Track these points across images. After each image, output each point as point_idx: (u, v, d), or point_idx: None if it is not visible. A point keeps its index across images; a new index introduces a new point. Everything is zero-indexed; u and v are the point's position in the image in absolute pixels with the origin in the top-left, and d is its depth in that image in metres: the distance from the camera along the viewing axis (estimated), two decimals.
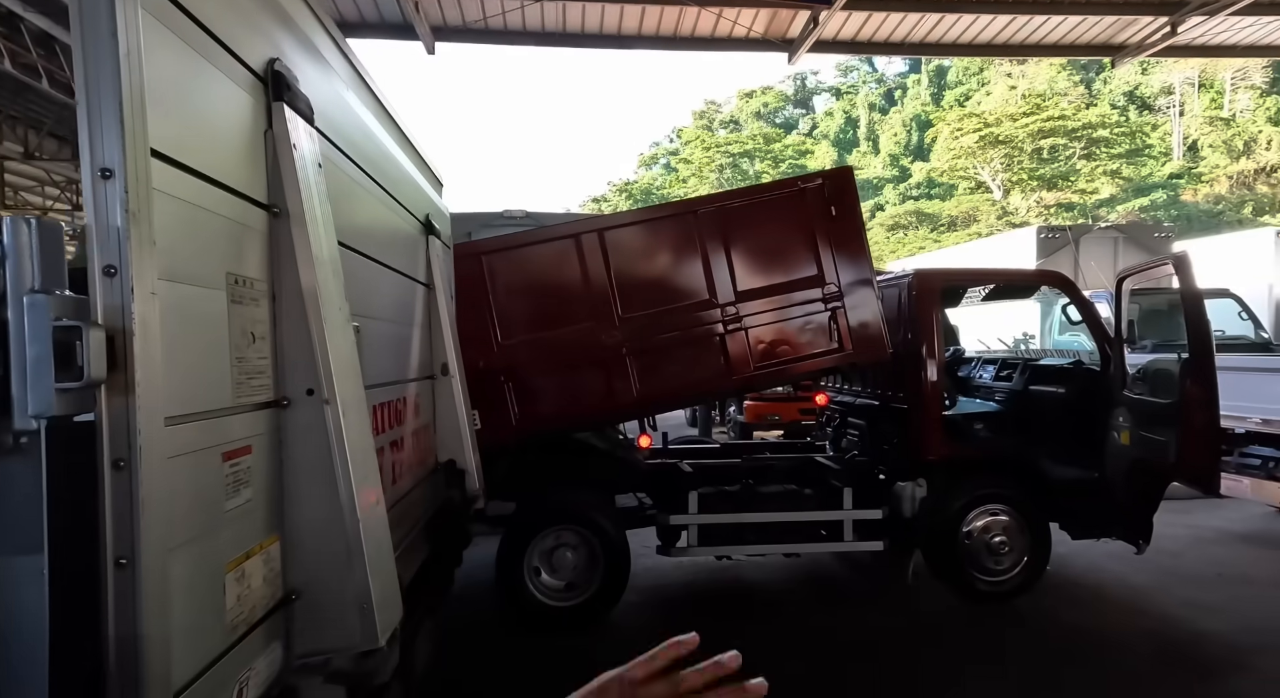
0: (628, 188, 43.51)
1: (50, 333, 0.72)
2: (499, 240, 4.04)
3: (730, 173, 36.74)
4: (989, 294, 5.25)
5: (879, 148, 40.81)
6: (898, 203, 36.08)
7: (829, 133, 43.11)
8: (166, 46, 0.91)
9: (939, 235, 30.32)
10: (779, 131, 41.70)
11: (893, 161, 39.44)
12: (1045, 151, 28.31)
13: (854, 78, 46.00)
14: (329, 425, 1.19)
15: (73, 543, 0.75)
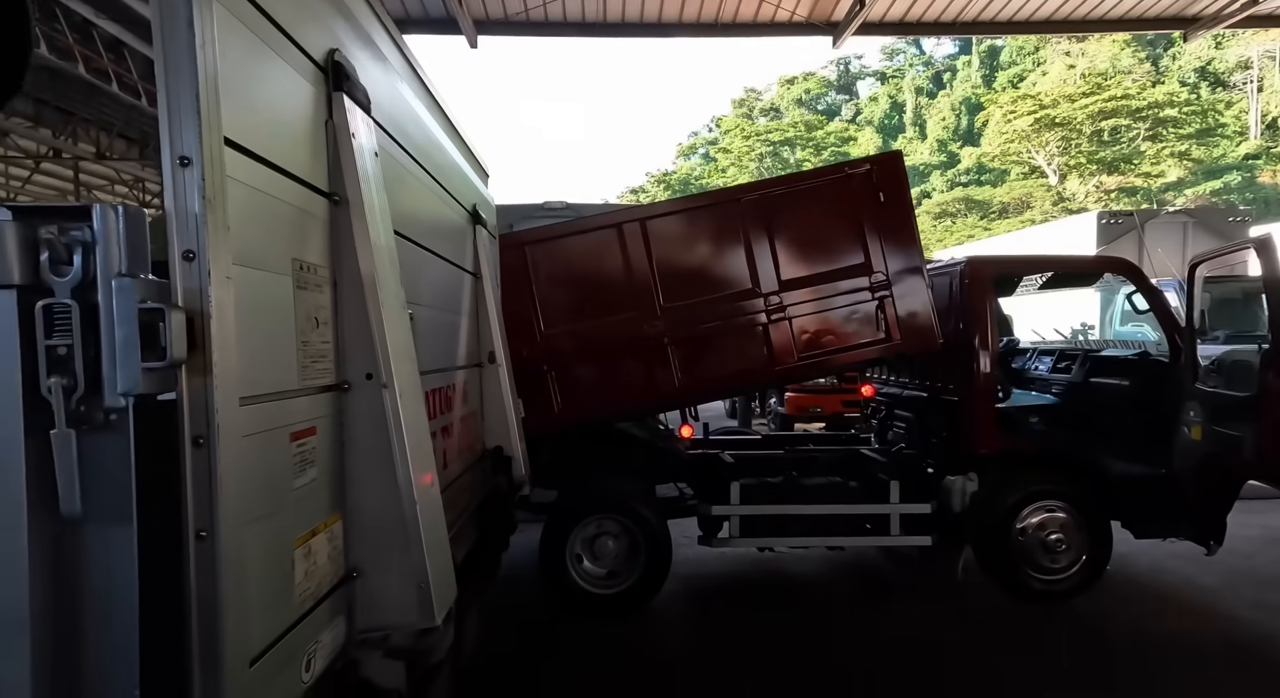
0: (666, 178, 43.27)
1: (136, 315, 0.76)
2: (542, 231, 4.07)
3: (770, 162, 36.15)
4: (1046, 282, 5.04)
5: (926, 133, 39.57)
6: (945, 190, 34.98)
7: (873, 119, 41.99)
8: (237, 37, 0.93)
9: (989, 223, 29.30)
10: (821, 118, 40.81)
11: (940, 147, 38.20)
12: (1106, 133, 26.90)
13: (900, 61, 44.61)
14: (387, 409, 1.22)
15: (157, 515, 0.79)
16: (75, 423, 0.76)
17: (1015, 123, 28.10)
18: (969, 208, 31.50)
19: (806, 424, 8.64)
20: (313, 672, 1.05)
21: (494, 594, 3.96)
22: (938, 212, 32.28)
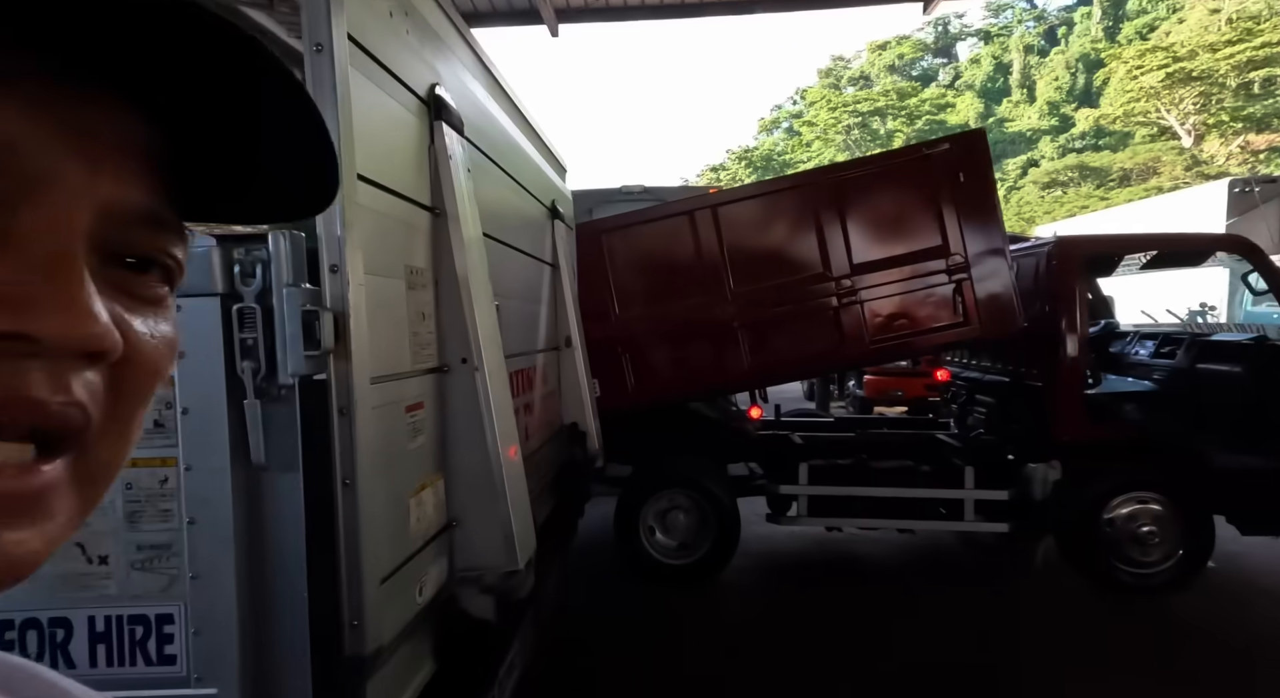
0: (747, 155, 42.28)
1: (300, 315, 1.01)
2: (617, 219, 4.27)
3: (858, 133, 34.57)
4: (1150, 262, 4.72)
5: (1034, 95, 36.48)
6: (1055, 157, 32.22)
7: (974, 82, 39.14)
8: (364, 90, 1.17)
9: (1107, 192, 26.82)
10: (914, 85, 38.46)
11: (1052, 110, 35.13)
12: (1256, 86, 23.80)
13: (1007, 17, 41.14)
14: (478, 388, 1.46)
15: (316, 466, 1.05)
16: (259, 396, 1.03)
17: (1142, 79, 25.36)
18: (1083, 176, 28.94)
19: (887, 408, 8.48)
20: (424, 597, 1.31)
21: (573, 560, 4.31)
22: (1046, 181, 29.89)
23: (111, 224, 0.24)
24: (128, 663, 1.04)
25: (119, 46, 0.22)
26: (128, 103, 0.24)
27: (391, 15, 1.29)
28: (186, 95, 0.24)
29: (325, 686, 1.06)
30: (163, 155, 0.26)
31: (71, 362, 0.23)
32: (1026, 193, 30.88)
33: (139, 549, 1.04)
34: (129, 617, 1.04)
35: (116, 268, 0.25)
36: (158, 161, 0.25)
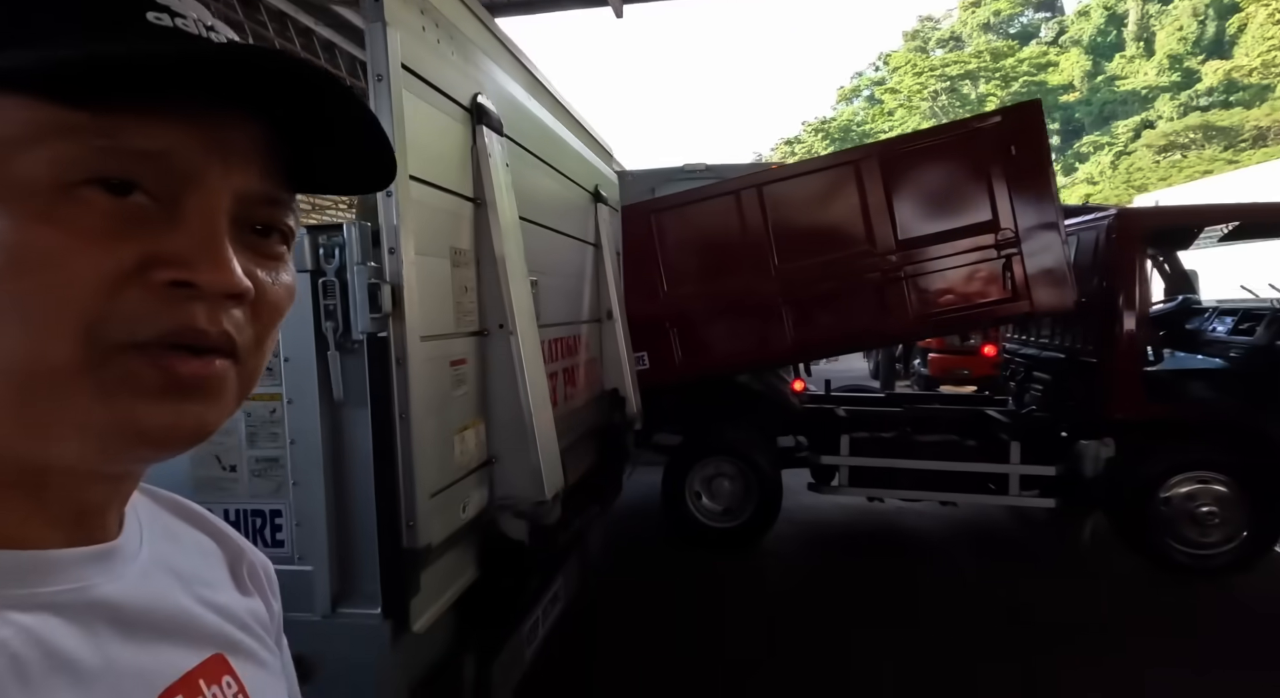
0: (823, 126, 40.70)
1: (367, 287, 1.32)
2: (665, 199, 4.48)
3: (946, 99, 32.59)
4: (1236, 234, 4.44)
5: (1153, 49, 33.08)
6: (1175, 116, 29.25)
7: (1082, 37, 35.87)
8: (416, 106, 1.46)
9: (1236, 154, 24.19)
10: (1011, 44, 35.68)
11: (1173, 64, 31.80)
12: None
13: None
14: (512, 349, 1.76)
15: (379, 403, 1.37)
16: (338, 348, 1.35)
17: None
18: (1208, 137, 26.19)
19: (955, 387, 8.29)
20: (466, 514, 1.64)
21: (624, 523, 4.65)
22: (1163, 144, 27.25)
23: (243, 204, 0.33)
24: (255, 545, 1.41)
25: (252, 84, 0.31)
26: (253, 118, 0.33)
27: (439, 42, 1.57)
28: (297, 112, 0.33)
29: (389, 570, 1.40)
30: (278, 150, 0.34)
31: (221, 301, 0.32)
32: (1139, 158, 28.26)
33: (257, 462, 1.40)
34: (251, 511, 1.41)
35: (248, 234, 0.34)
36: (274, 156, 0.34)
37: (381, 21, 1.33)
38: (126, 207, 0.30)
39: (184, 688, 0.38)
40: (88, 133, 0.29)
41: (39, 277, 0.29)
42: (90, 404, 0.30)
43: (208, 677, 0.40)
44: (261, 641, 0.47)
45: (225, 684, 0.41)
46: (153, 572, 0.40)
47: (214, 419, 0.33)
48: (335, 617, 1.40)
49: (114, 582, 0.36)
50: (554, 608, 2.58)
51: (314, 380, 1.36)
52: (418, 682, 1.53)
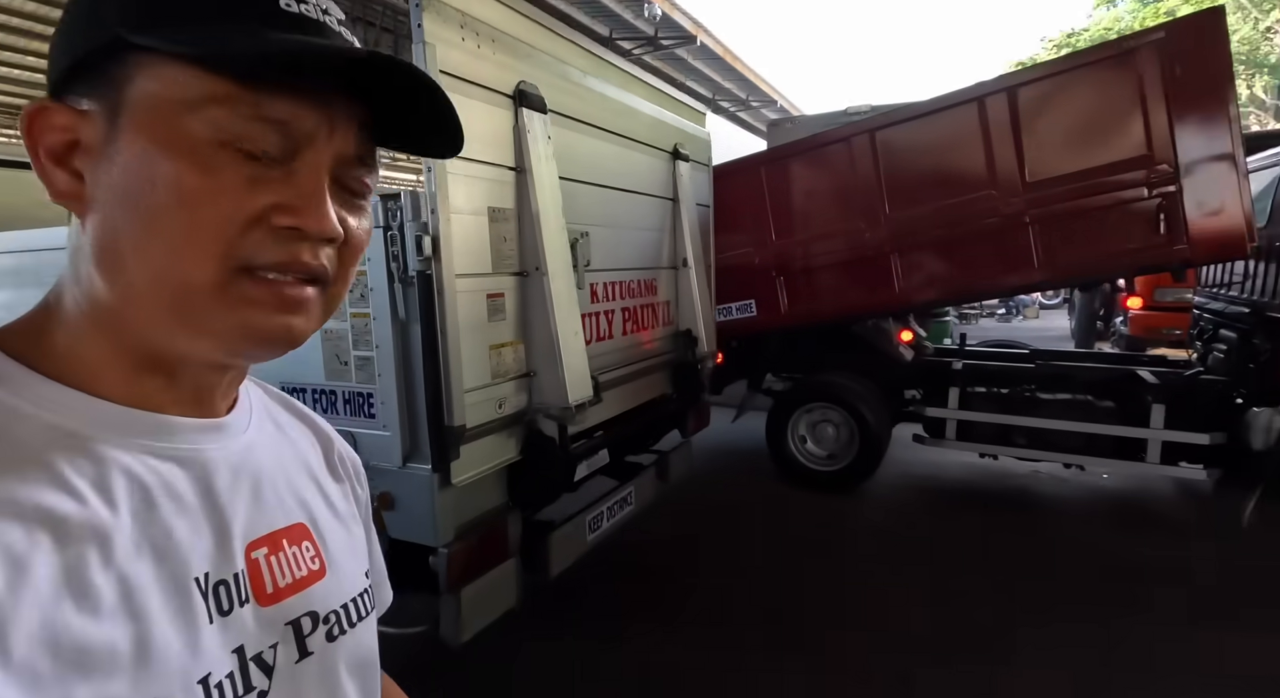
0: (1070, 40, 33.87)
1: (415, 237, 1.87)
2: (775, 150, 4.56)
3: None
4: None
5: None
6: None
7: None
8: (457, 103, 1.93)
9: None
10: None
11: None
12: None
13: None
14: (546, 288, 2.22)
15: (428, 322, 1.94)
16: (401, 281, 1.93)
17: None
18: None
19: (1168, 350, 7.06)
20: (503, 410, 2.18)
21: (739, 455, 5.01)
22: None
23: (340, 163, 0.42)
24: (356, 416, 2.09)
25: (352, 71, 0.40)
26: (351, 94, 0.41)
27: (479, 47, 2.03)
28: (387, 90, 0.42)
29: (436, 440, 1.99)
30: (369, 119, 0.43)
31: (320, 243, 0.41)
32: None
33: (357, 359, 2.06)
34: (356, 392, 2.09)
35: (340, 187, 0.43)
36: (367, 125, 0.43)
37: (422, 42, 1.83)
38: (257, 165, 0.38)
39: (269, 542, 0.46)
40: (238, 102, 0.37)
41: (196, 213, 0.37)
42: (221, 313, 0.39)
43: (291, 538, 0.48)
44: (344, 521, 0.56)
45: (304, 548, 0.49)
46: (257, 448, 0.49)
47: (307, 329, 0.42)
48: (405, 468, 2.04)
49: (223, 449, 0.46)
50: (622, 509, 3.10)
51: (387, 305, 1.97)
52: (466, 523, 2.13)
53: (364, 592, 0.54)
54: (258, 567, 0.45)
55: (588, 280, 2.61)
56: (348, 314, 2.02)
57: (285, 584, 0.47)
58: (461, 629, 2.16)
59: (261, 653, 0.44)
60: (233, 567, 0.44)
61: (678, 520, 4.15)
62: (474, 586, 2.18)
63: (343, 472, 0.60)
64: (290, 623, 0.46)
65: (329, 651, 0.49)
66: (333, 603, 0.50)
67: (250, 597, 0.44)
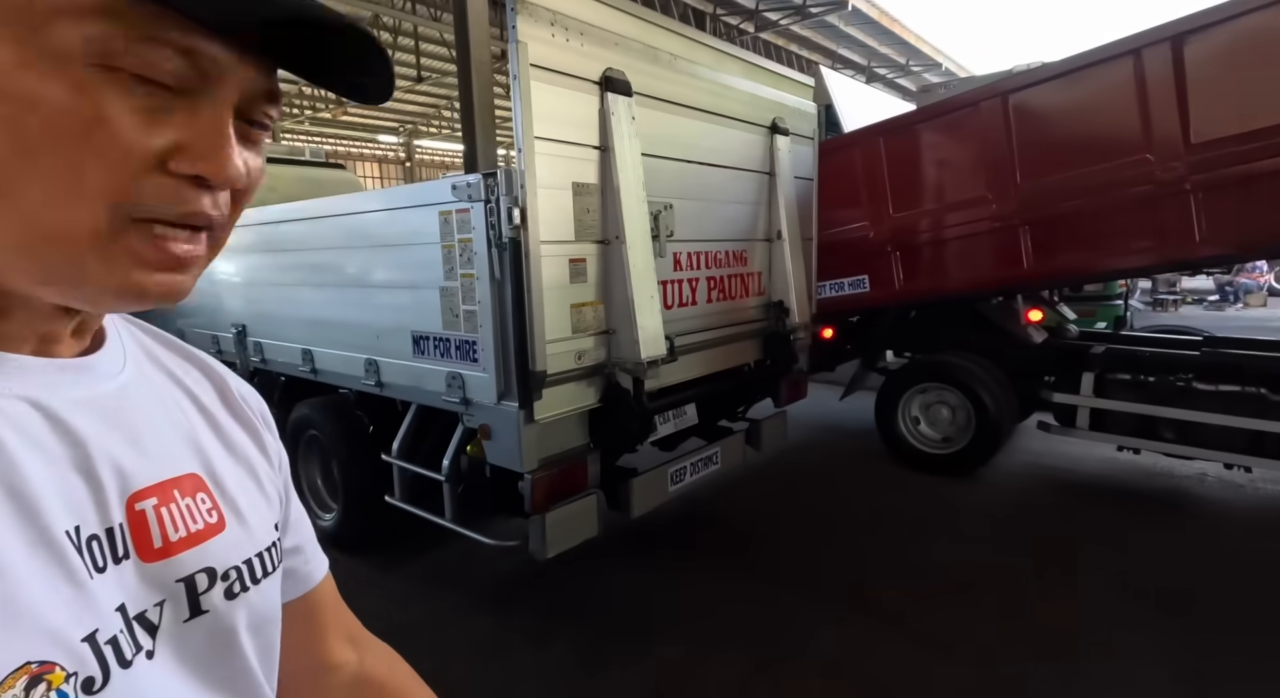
0: None
1: (507, 209, 2.22)
2: (895, 120, 4.38)
3: None
4: None
5: None
6: None
7: None
8: (546, 92, 2.25)
9: None
10: None
11: None
12: None
13: None
14: (624, 255, 2.49)
15: (517, 282, 2.29)
16: (497, 247, 2.30)
17: None
18: None
19: None
20: (582, 362, 2.49)
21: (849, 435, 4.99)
22: None
23: (246, 99, 0.38)
24: (464, 360, 2.52)
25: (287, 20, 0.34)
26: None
27: (568, 41, 2.32)
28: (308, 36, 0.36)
29: (521, 383, 2.35)
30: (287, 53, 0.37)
31: (222, 191, 0.38)
32: None
33: (465, 312, 2.48)
34: (464, 340, 2.51)
35: (243, 122, 0.38)
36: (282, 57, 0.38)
37: (516, 41, 2.15)
38: (154, 97, 0.34)
39: (158, 493, 0.42)
40: (126, 19, 0.32)
41: (82, 149, 0.32)
42: (99, 267, 0.34)
43: (183, 489, 0.44)
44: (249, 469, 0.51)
45: (199, 499, 0.44)
46: (134, 392, 0.44)
47: (190, 286, 0.38)
48: (499, 405, 2.43)
49: (88, 392, 0.41)
50: (706, 468, 3.32)
51: (487, 267, 2.35)
52: (549, 457, 2.49)
53: (272, 546, 0.50)
54: (143, 519, 0.41)
55: (670, 250, 2.82)
56: (458, 274, 2.44)
57: (178, 538, 0.42)
58: (546, 548, 2.53)
59: (145, 611, 0.40)
60: (109, 520, 0.39)
61: (769, 485, 4.27)
62: (557, 512, 2.54)
63: (248, 413, 0.55)
64: (183, 580, 0.42)
65: (228, 609, 0.45)
66: (234, 559, 0.46)
67: (132, 552, 0.40)
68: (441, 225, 2.44)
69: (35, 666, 0.32)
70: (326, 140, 21.02)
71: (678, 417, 3.13)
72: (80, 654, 0.34)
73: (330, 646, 0.66)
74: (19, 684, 0.31)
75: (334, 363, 3.11)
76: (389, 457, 2.95)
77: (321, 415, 3.32)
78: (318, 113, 18.17)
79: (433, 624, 2.82)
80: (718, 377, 3.21)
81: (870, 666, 2.46)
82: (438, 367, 2.61)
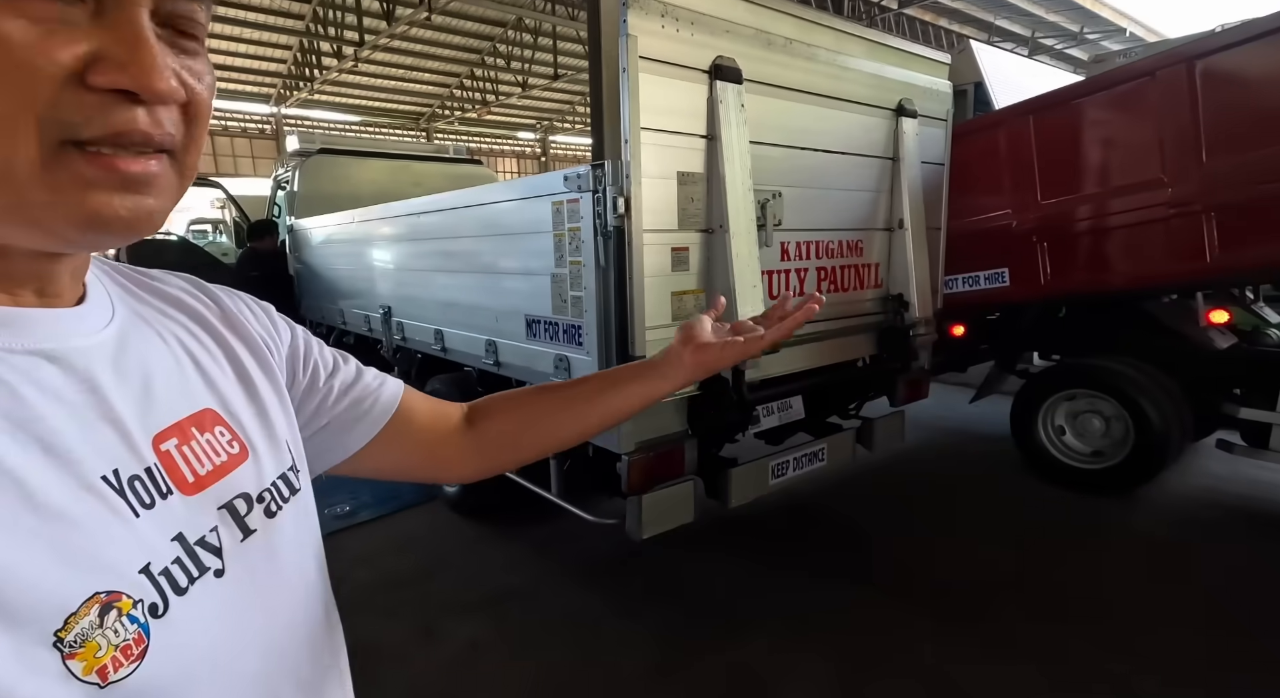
0: None
1: (613, 199, 2.30)
2: (1048, 96, 3.93)
3: None
4: None
5: None
6: None
7: None
8: (654, 83, 2.29)
9: None
10: None
11: None
12: None
13: None
14: (728, 245, 2.48)
15: (619, 269, 2.37)
16: (601, 236, 2.39)
17: None
18: None
19: None
20: None
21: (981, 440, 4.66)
22: None
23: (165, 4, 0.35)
24: (570, 343, 2.65)
25: None
26: None
27: (678, 31, 2.34)
28: None
29: (623, 363, 2.42)
30: None
31: (161, 107, 0.35)
32: None
33: (572, 298, 2.60)
34: (570, 324, 2.64)
35: (169, 29, 0.36)
36: None
37: (626, 34, 2.21)
38: (54, 7, 0.31)
39: (177, 433, 0.43)
40: None
41: None
42: (50, 197, 0.33)
43: (201, 426, 0.45)
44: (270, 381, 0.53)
45: (218, 433, 0.46)
46: (131, 334, 0.44)
47: (160, 209, 0.37)
48: None
49: (91, 339, 0.41)
50: (810, 464, 3.24)
51: (592, 254, 2.45)
52: (646, 441, 2.56)
53: (293, 462, 0.53)
54: (171, 459, 0.42)
55: (777, 239, 2.77)
56: (567, 261, 2.57)
57: (206, 472, 0.44)
58: (642, 529, 2.61)
59: (204, 537, 0.42)
60: (144, 461, 0.40)
61: (880, 488, 4.05)
62: (654, 495, 2.61)
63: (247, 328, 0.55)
64: (224, 506, 0.45)
65: (272, 526, 0.48)
66: (264, 482, 0.49)
67: (172, 488, 0.41)
68: (554, 215, 2.58)
69: (104, 595, 0.34)
70: (472, 139, 22.68)
71: (783, 410, 3.07)
72: (140, 584, 0.37)
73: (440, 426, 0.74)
74: (93, 612, 0.34)
75: (460, 343, 3.40)
76: None
77: (449, 390, 3.65)
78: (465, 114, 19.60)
79: (533, 590, 3.02)
80: (827, 371, 3.10)
81: (973, 692, 2.28)
82: (547, 349, 2.77)
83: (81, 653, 0.33)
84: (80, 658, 0.32)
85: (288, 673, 0.47)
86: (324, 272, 5.24)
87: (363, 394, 0.66)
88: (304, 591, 0.51)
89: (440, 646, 2.64)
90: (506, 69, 18.39)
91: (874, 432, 3.49)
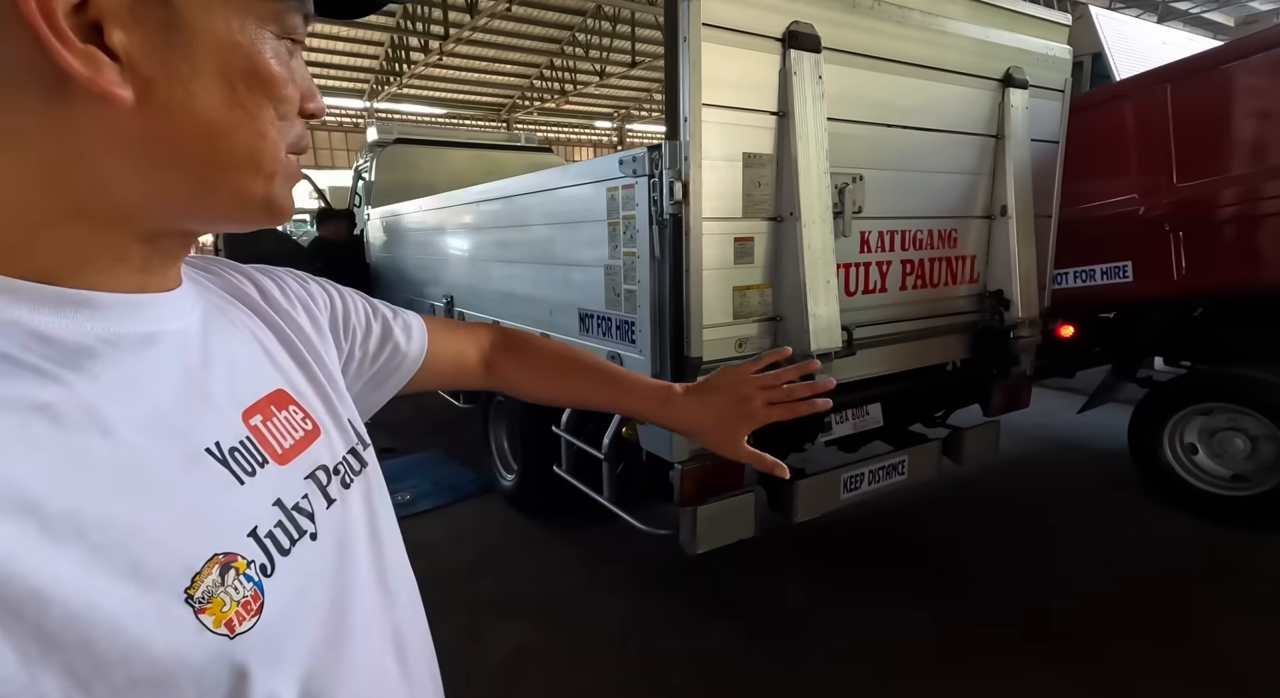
0: None
1: (669, 183, 2.09)
2: (1186, 62, 3.36)
3: None
4: None
5: None
6: None
7: None
8: (717, 53, 2.05)
9: None
10: None
11: None
12: None
13: None
14: (799, 235, 2.22)
15: (675, 261, 2.16)
16: (657, 224, 2.19)
17: None
18: None
19: None
20: (742, 350, 2.29)
21: None
22: None
23: None
24: (622, 340, 2.47)
25: None
26: None
27: None
28: None
29: (675, 365, 2.23)
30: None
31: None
32: None
33: (626, 292, 2.42)
34: (624, 319, 2.46)
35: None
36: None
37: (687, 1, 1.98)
38: (287, 51, 0.42)
39: (260, 410, 0.47)
40: None
41: (279, 101, 0.41)
42: (275, 189, 0.43)
43: (278, 404, 0.49)
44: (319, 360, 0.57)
45: (292, 411, 0.50)
46: (211, 316, 0.49)
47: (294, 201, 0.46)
48: None
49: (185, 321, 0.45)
50: (889, 477, 2.94)
51: (647, 245, 2.25)
52: (701, 449, 2.35)
53: (357, 437, 0.58)
54: (260, 432, 0.46)
55: (856, 228, 2.47)
56: (621, 252, 2.39)
57: (289, 446, 0.48)
58: (696, 542, 2.42)
59: (299, 503, 0.46)
60: (240, 434, 0.44)
61: (969, 506, 3.65)
62: (710, 506, 2.40)
63: (287, 306, 0.58)
64: (308, 477, 0.49)
65: (348, 495, 0.52)
66: (337, 456, 0.53)
67: (267, 458, 0.45)
68: (609, 202, 2.40)
69: (222, 556, 0.38)
70: (550, 128, 22.88)
71: (858, 417, 2.78)
72: (250, 546, 0.40)
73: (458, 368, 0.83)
74: (214, 571, 0.37)
75: None
76: (558, 429, 3.05)
77: None
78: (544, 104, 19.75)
79: (584, 596, 2.88)
80: (911, 375, 2.77)
81: None
82: (600, 345, 2.60)
83: (209, 608, 0.36)
84: (209, 613, 0.36)
85: (385, 630, 0.52)
86: (394, 261, 5.32)
87: (393, 352, 0.72)
88: (391, 552, 0.56)
89: (488, 650, 2.55)
90: (585, 58, 18.37)
91: (963, 443, 3.12)
